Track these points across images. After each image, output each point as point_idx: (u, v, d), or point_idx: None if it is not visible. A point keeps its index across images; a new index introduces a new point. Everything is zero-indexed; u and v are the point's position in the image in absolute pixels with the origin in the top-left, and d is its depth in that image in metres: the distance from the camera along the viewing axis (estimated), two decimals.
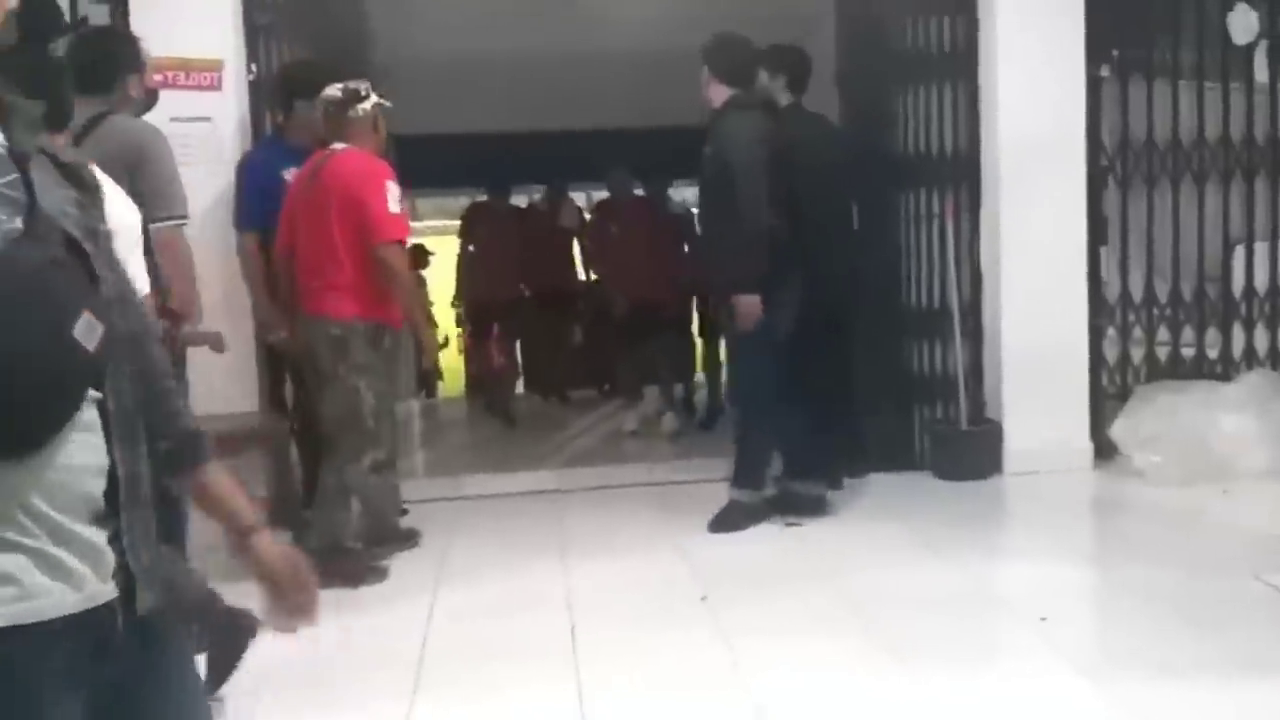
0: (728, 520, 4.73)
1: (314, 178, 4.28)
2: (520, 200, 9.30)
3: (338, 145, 4.29)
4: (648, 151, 7.64)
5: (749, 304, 4.53)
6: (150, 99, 3.90)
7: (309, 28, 5.31)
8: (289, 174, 4.47)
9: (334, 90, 4.29)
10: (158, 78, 4.19)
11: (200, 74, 4.86)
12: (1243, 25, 5.70)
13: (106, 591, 1.37)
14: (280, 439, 4.70)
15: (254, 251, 4.56)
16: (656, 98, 7.68)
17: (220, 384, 4.29)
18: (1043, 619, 3.65)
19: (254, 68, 5.09)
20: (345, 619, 3.56)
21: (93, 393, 1.35)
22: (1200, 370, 5.72)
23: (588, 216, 8.67)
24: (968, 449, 5.44)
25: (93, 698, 1.37)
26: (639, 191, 7.68)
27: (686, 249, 7.39)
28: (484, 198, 8.54)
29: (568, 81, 7.79)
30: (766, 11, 5.51)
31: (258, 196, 4.55)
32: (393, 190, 4.25)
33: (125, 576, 1.39)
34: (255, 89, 5.08)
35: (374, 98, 4.34)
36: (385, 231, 4.21)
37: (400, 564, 4.45)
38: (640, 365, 7.39)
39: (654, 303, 7.16)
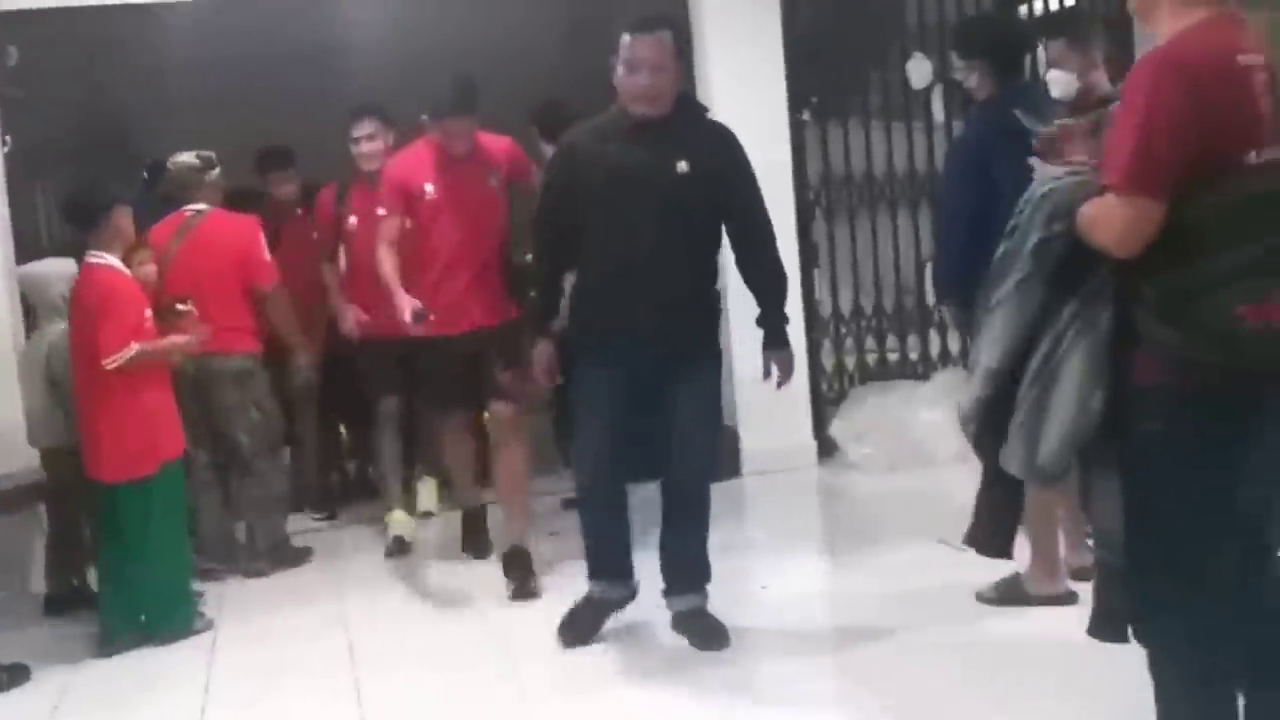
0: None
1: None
2: None
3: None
4: None
5: None
6: None
7: (61, 102, 5.55)
8: None
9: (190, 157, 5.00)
10: None
11: None
12: (919, 72, 6.57)
13: None
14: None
15: None
16: None
17: None
18: (764, 587, 4.28)
19: (8, 139, 5.30)
20: None
21: None
22: (904, 372, 6.54)
23: None
24: None
25: None
26: None
27: None
28: None
29: None
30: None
31: None
32: None
33: None
34: (9, 160, 5.29)
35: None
36: None
37: None
38: None
39: None
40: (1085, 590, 3.78)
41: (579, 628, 3.88)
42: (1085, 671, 3.24)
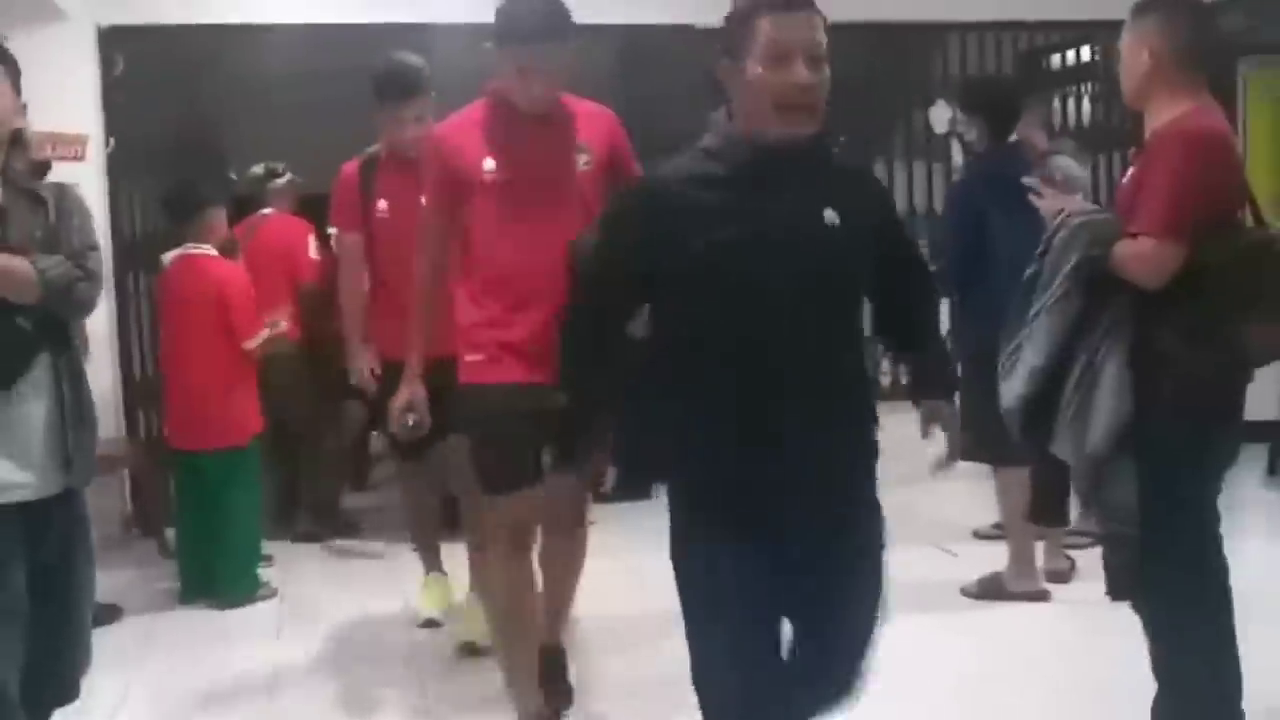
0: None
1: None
2: None
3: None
4: None
5: None
6: (41, 169, 4.65)
7: (160, 110, 6.09)
8: None
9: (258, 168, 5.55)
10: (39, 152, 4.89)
11: (67, 146, 5.59)
12: (941, 118, 7.07)
13: None
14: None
15: None
16: None
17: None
18: None
19: (112, 141, 5.85)
20: None
21: None
22: (898, 394, 6.95)
23: None
24: None
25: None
26: None
27: None
28: None
29: None
30: None
31: None
32: None
33: None
34: (112, 159, 5.85)
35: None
36: None
37: None
38: None
39: None
40: (1058, 590, 4.35)
41: None
42: (1052, 656, 3.80)
